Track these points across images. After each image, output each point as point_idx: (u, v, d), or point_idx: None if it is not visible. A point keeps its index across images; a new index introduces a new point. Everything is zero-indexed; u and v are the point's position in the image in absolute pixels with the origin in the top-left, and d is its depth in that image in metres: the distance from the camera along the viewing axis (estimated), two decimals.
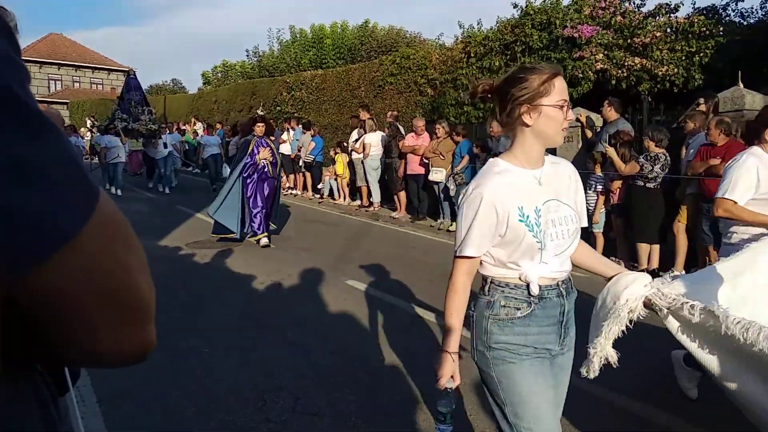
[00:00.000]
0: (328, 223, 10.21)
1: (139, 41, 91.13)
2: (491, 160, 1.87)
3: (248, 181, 7.73)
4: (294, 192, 14.08)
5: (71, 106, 35.79)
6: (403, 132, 10.67)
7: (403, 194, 10.56)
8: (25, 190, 0.47)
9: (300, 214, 11.13)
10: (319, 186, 13.35)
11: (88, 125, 24.96)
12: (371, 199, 11.38)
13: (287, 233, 8.85)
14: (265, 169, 7.73)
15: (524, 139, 1.77)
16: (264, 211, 7.77)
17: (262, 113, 7.98)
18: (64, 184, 0.50)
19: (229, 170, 15.18)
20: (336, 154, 12.23)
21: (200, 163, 16.50)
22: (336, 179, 12.55)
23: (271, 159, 7.83)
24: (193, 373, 3.70)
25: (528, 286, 1.76)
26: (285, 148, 13.38)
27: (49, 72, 41.18)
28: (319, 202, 12.75)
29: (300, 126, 13.75)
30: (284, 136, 13.77)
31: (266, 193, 7.79)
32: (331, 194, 12.91)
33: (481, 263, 1.82)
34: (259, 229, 7.70)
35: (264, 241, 7.73)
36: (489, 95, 1.85)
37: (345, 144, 12.10)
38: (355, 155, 11.48)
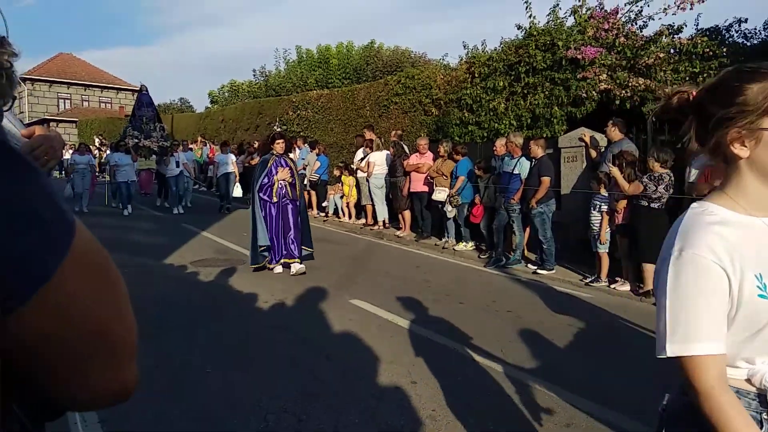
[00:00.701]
0: (333, 241, 10.21)
1: (147, 60, 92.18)
2: (697, 204, 1.32)
3: (266, 202, 7.19)
4: None
5: (80, 124, 36.16)
6: (407, 151, 10.73)
7: (407, 213, 10.58)
8: (3, 231, 0.45)
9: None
10: (323, 204, 13.39)
11: (97, 143, 25.15)
12: (376, 218, 11.40)
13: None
14: (283, 191, 7.15)
15: (741, 175, 1.24)
16: (293, 235, 7.21)
17: (280, 129, 7.14)
18: (43, 223, 0.49)
19: (238, 189, 14.91)
20: (341, 174, 12.28)
21: (211, 181, 16.05)
22: (342, 197, 12.59)
23: (290, 180, 7.23)
24: (195, 392, 3.68)
25: (765, 395, 1.20)
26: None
27: (58, 91, 41.68)
28: (324, 221, 12.78)
29: (306, 145, 13.85)
30: (290, 155, 13.87)
31: (291, 218, 7.21)
32: (336, 212, 12.93)
33: None
34: (295, 252, 7.18)
35: (298, 267, 7.14)
36: (685, 109, 1.36)
37: (351, 165, 12.16)
38: (360, 174, 11.53)
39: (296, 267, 7.11)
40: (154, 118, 16.16)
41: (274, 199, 7.10)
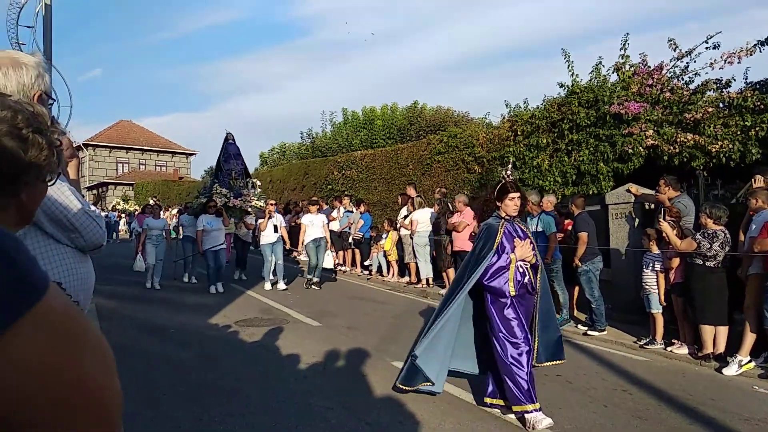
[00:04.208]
0: (376, 300, 10.13)
1: (201, 125, 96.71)
2: None
3: (495, 300, 4.31)
4: (343, 269, 14.15)
5: (136, 187, 37.89)
6: (451, 208, 10.71)
7: (452, 271, 10.44)
8: None
9: (348, 291, 11.13)
10: (366, 263, 13.40)
11: (151, 202, 26.11)
12: (420, 276, 11.29)
13: (334, 310, 8.81)
14: (526, 278, 4.33)
15: None
16: (528, 362, 4.20)
17: (512, 175, 4.65)
18: None
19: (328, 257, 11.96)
20: (387, 231, 12.32)
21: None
22: (384, 255, 12.58)
23: (532, 259, 4.42)
24: None
25: None
26: (334, 225, 13.58)
27: (118, 156, 44.08)
28: (368, 279, 12.74)
29: (351, 203, 14.02)
30: (334, 213, 14.06)
31: (525, 320, 4.35)
32: (380, 271, 12.90)
33: None
34: (527, 399, 4.12)
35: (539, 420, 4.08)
36: None
37: (395, 221, 12.21)
38: (403, 231, 11.54)
39: (536, 419, 4.07)
40: (243, 173, 12.91)
41: (513, 292, 4.24)
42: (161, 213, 13.37)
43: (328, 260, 11.96)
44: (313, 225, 11.36)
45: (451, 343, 4.57)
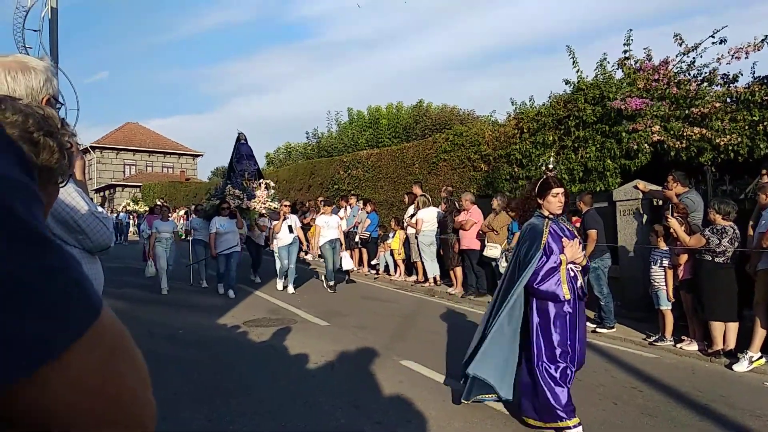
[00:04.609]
0: (384, 299, 10.13)
1: (207, 126, 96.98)
2: None
3: (545, 304, 3.91)
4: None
5: (143, 188, 38.04)
6: (458, 207, 10.69)
7: (459, 270, 10.43)
8: (14, 308, 0.48)
9: (355, 290, 11.13)
10: (373, 262, 13.41)
11: (159, 202, 26.21)
12: (427, 275, 11.29)
13: (342, 310, 8.82)
14: (578, 282, 3.95)
15: None
16: (573, 375, 3.97)
17: (555, 169, 4.30)
18: (56, 304, 0.51)
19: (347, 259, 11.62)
20: (395, 230, 12.32)
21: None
22: (392, 254, 12.58)
23: (583, 261, 4.06)
24: None
25: None
26: (341, 224, 13.56)
27: (124, 158, 44.28)
28: (375, 278, 12.74)
29: (359, 202, 13.99)
30: (341, 213, 14.07)
31: (577, 328, 3.99)
32: (387, 270, 12.90)
33: None
34: (566, 414, 3.85)
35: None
36: None
37: (402, 220, 12.20)
38: (410, 230, 11.53)
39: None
40: (256, 174, 12.58)
41: (567, 295, 3.85)
42: (170, 214, 13.02)
43: (347, 262, 11.60)
44: (329, 226, 10.90)
45: (512, 348, 4.06)
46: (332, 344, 6.56)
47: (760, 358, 5.70)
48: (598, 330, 7.37)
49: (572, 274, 3.90)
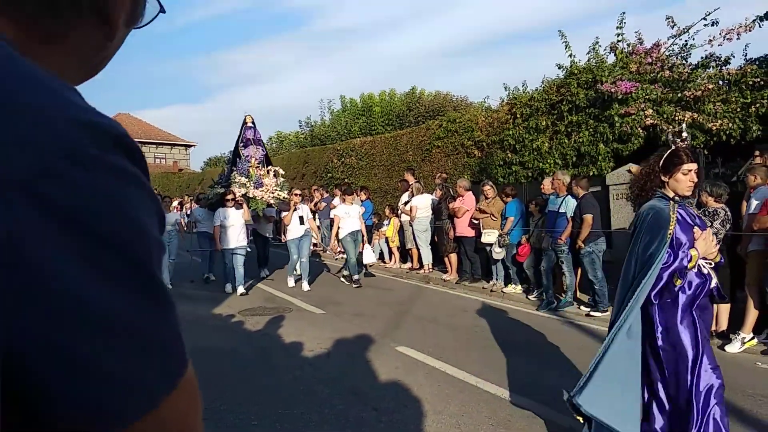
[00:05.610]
0: (379, 286, 10.16)
1: (200, 117, 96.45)
2: None
3: (674, 311, 3.01)
4: (344, 256, 14.15)
5: None
6: (453, 193, 10.69)
7: (454, 256, 10.46)
8: (129, 354, 0.48)
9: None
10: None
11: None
12: (422, 262, 11.32)
13: (337, 298, 8.85)
14: (712, 283, 3.05)
15: None
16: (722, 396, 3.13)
17: (686, 138, 3.27)
18: (163, 353, 0.51)
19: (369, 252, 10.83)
20: (389, 218, 12.33)
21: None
22: (386, 241, 12.60)
23: (717, 258, 3.09)
24: None
25: None
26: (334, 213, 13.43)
27: None
28: (370, 266, 12.75)
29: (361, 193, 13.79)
30: (335, 201, 14.02)
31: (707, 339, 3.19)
32: (381, 257, 12.92)
33: None
34: None
35: None
36: None
37: (396, 207, 12.20)
38: (404, 217, 11.54)
39: None
40: (264, 160, 11.67)
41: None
42: (170, 206, 12.39)
43: (369, 255, 10.92)
44: (350, 216, 10.17)
45: (634, 373, 3.03)
46: (328, 332, 6.59)
47: (752, 338, 5.76)
48: (591, 314, 7.43)
49: (705, 271, 3.01)
